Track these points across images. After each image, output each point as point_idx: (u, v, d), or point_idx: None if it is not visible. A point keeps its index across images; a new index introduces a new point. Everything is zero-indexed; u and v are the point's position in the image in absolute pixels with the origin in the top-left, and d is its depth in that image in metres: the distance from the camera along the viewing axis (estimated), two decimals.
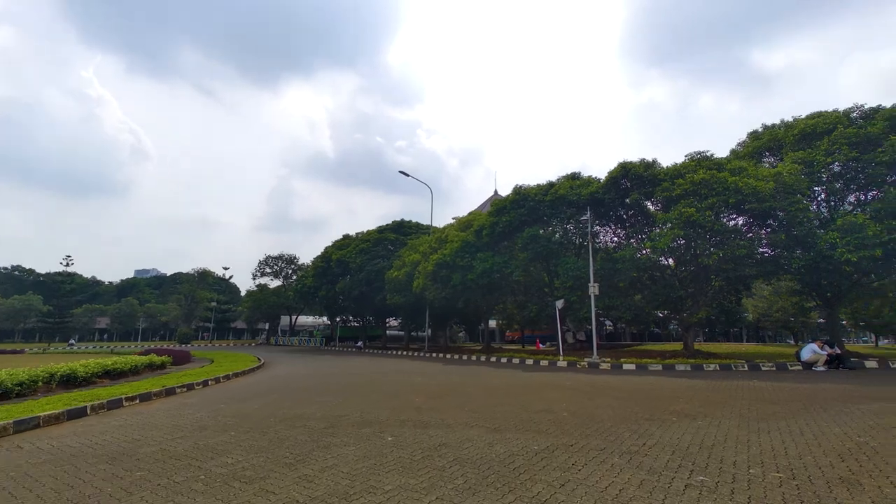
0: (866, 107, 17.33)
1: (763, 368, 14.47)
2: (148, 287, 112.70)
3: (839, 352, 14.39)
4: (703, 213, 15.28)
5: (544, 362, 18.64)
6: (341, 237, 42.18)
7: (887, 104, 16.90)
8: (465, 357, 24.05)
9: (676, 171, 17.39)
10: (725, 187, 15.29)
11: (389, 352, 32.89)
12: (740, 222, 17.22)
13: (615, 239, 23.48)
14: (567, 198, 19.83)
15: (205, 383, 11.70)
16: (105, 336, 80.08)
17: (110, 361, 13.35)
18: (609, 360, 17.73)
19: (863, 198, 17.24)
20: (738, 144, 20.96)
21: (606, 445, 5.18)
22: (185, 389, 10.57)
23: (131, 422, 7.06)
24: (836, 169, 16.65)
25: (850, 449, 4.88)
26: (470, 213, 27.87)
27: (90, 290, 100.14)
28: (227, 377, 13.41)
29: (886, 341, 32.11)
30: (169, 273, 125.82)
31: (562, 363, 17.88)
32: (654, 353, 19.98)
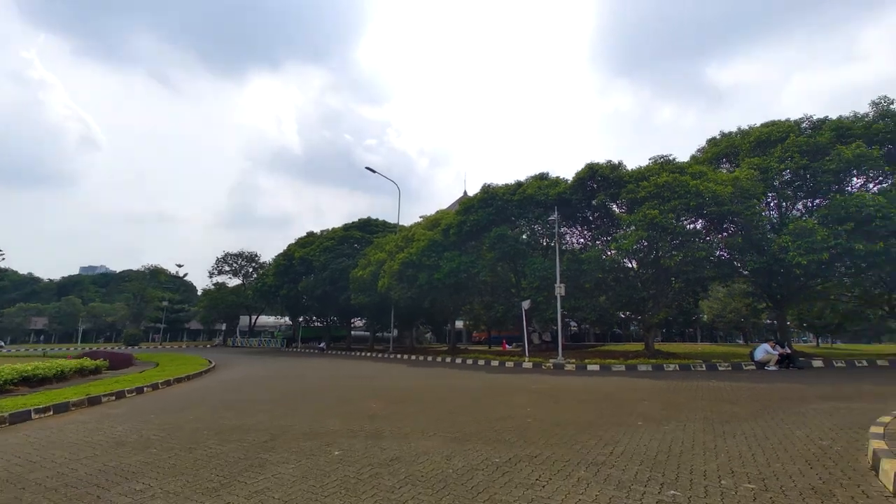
0: (815, 118, 18.26)
1: (720, 368, 14.81)
2: (93, 285, 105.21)
3: (789, 352, 14.95)
4: (666, 215, 15.50)
5: (510, 363, 18.43)
6: (305, 234, 40.72)
7: (833, 116, 17.87)
8: (430, 358, 23.54)
9: (641, 174, 17.63)
10: (687, 190, 15.59)
11: (353, 353, 31.91)
12: (699, 225, 17.66)
13: (581, 240, 23.68)
14: (535, 197, 19.74)
15: (139, 390, 10.59)
16: (42, 338, 73.87)
17: (31, 366, 11.93)
18: (574, 360, 17.72)
19: (810, 204, 18.12)
20: (698, 150, 21.64)
21: (572, 456, 4.82)
22: (112, 398, 9.48)
23: (34, 438, 6.09)
24: (787, 177, 17.38)
25: (815, 454, 4.74)
26: (438, 212, 27.44)
27: (26, 287, 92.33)
28: (168, 383, 12.27)
29: (827, 341, 34.32)
30: (119, 270, 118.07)
31: (527, 364, 17.72)
32: (616, 354, 20.21)
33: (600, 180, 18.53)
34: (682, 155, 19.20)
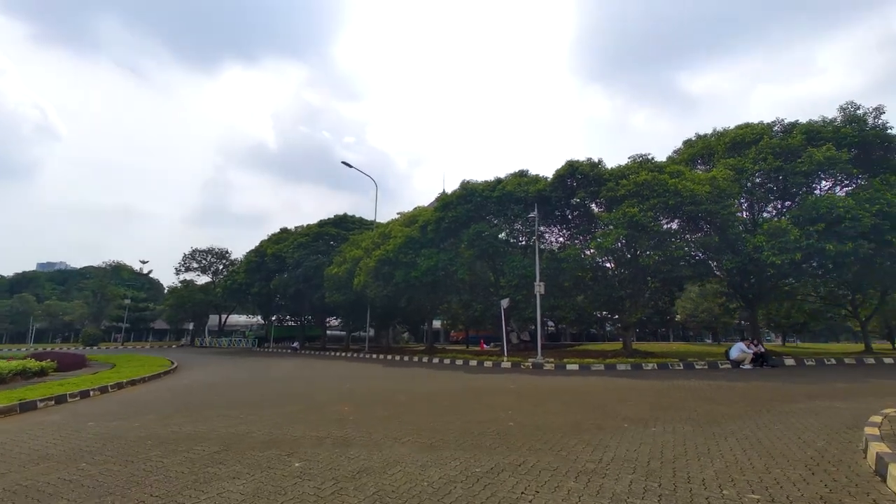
0: (786, 121, 18.68)
1: (697, 367, 14.85)
2: (50, 282, 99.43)
3: (763, 350, 15.13)
4: (645, 213, 15.46)
5: (488, 363, 18.07)
6: (279, 231, 39.35)
7: (803, 121, 18.30)
8: (406, 358, 22.95)
9: (621, 172, 17.58)
10: (666, 189, 15.59)
11: (328, 353, 30.94)
12: (676, 225, 17.74)
13: (560, 239, 23.59)
14: (514, 194, 19.44)
15: (84, 394, 9.63)
16: None
17: None
18: (552, 360, 17.51)
19: (780, 206, 18.51)
20: (674, 152, 21.87)
21: (560, 464, 4.39)
22: (52, 403, 8.53)
23: None
24: (759, 178, 17.67)
25: (813, 458, 4.47)
26: (416, 209, 26.87)
27: None
28: (120, 386, 11.29)
29: (791, 340, 35.54)
30: (80, 267, 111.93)
31: (506, 364, 17.39)
32: (595, 353, 20.15)
33: (580, 178, 18.40)
34: (659, 156, 19.28)
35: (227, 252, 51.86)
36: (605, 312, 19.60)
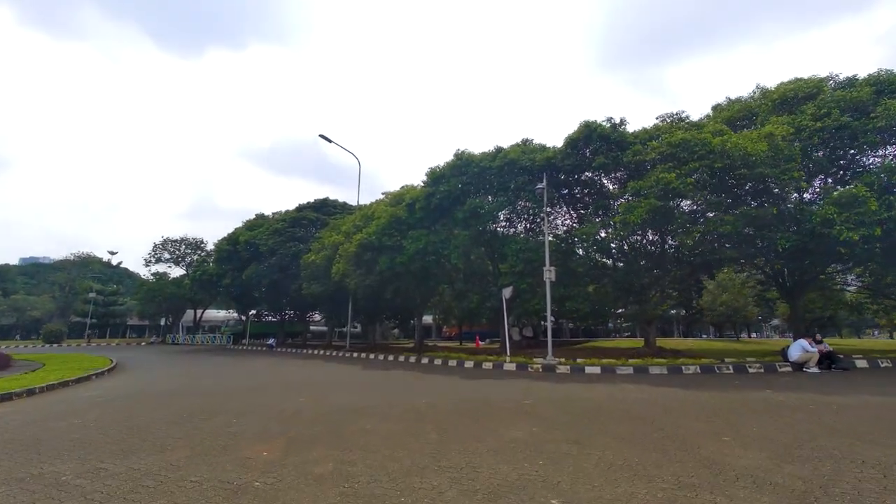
0: (841, 76, 15.70)
1: (750, 371, 11.87)
2: (23, 276, 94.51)
3: (830, 349, 12.21)
4: (683, 180, 12.40)
5: (487, 364, 14.97)
6: (254, 216, 35.86)
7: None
8: (391, 358, 19.79)
9: (648, 134, 14.54)
10: (710, 150, 12.54)
11: (306, 351, 27.64)
12: (720, 194, 14.58)
13: (567, 222, 20.54)
14: (519, 163, 16.30)
15: None
16: None
17: None
18: (565, 360, 14.48)
19: (842, 172, 15.39)
20: (705, 118, 18.80)
21: None
22: None
23: None
24: (818, 138, 14.62)
25: None
26: (403, 187, 23.62)
27: None
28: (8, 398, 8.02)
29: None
30: (56, 260, 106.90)
31: (509, 366, 14.31)
32: (612, 352, 17.16)
33: (598, 142, 15.26)
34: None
35: (201, 242, 48.20)
36: (626, 304, 16.54)
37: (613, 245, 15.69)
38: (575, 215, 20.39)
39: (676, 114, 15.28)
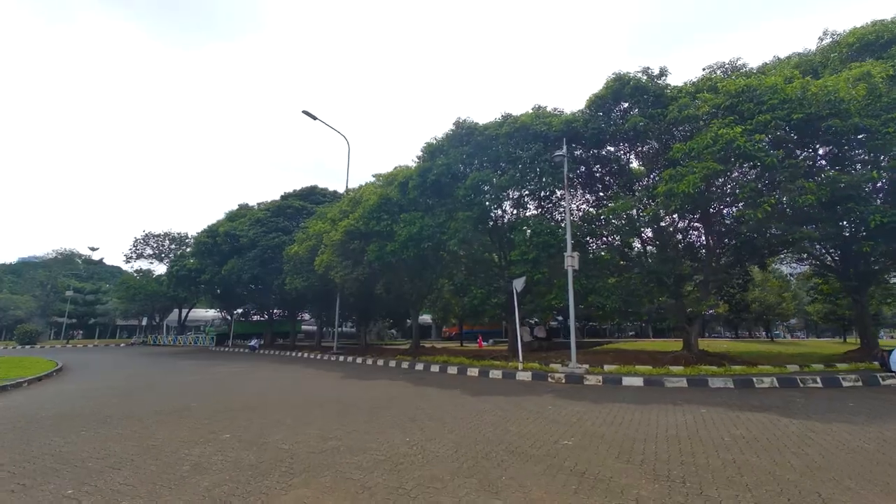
0: None
1: (845, 384, 9.05)
2: (11, 274, 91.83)
3: None
4: (751, 137, 9.57)
5: (496, 373, 12.16)
6: (237, 207, 33.04)
7: None
8: (381, 362, 17.00)
9: (696, 88, 11.71)
10: (784, 98, 9.71)
11: (291, 354, 24.84)
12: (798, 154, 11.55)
13: (583, 207, 17.75)
14: (532, 129, 13.51)
15: None
16: None
17: None
18: (591, 368, 11.70)
19: None
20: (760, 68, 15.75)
21: None
22: None
23: None
24: None
25: None
26: (396, 168, 20.82)
27: None
28: None
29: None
30: (47, 258, 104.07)
31: (523, 374, 11.51)
32: (641, 356, 14.38)
33: (631, 97, 12.42)
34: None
35: (186, 237, 45.30)
36: (662, 298, 13.71)
37: (650, 226, 12.81)
38: (593, 199, 17.64)
39: (731, 62, 12.43)
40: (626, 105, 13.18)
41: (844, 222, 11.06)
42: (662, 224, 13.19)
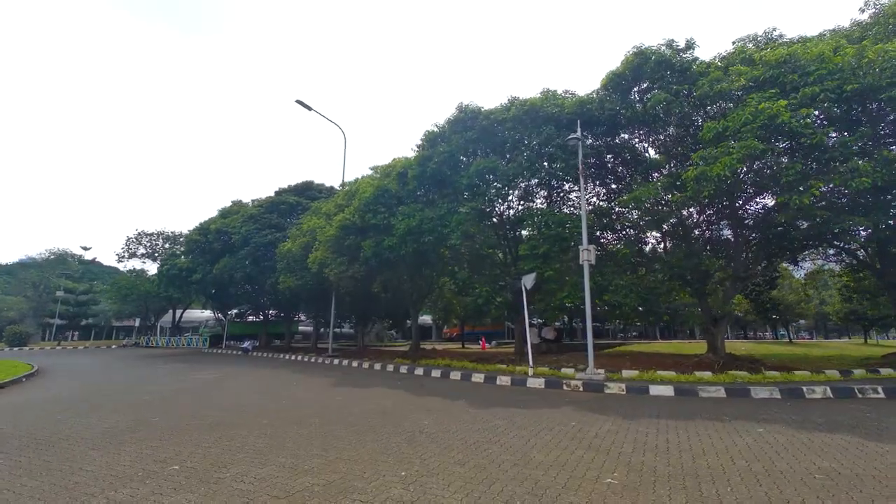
0: None
1: None
2: (6, 275, 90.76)
3: None
4: (797, 112, 8.39)
5: (504, 379, 10.96)
6: (230, 203, 31.85)
7: None
8: (377, 366, 15.82)
9: (727, 62, 10.53)
10: (832, 69, 8.53)
11: (285, 356, 23.63)
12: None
13: (594, 200, 16.58)
14: (543, 111, 12.36)
15: None
16: None
17: None
18: (609, 373, 10.52)
19: None
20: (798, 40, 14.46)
21: None
22: None
23: None
24: None
25: None
26: (395, 160, 19.65)
27: None
28: None
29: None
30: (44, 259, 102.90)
31: (535, 381, 10.31)
32: (658, 360, 13.21)
33: (654, 72, 11.22)
34: None
35: (180, 236, 44.02)
36: (683, 295, 12.56)
37: (676, 216, 11.60)
38: (604, 192, 16.50)
39: (765, 33, 11.22)
40: (645, 85, 12.00)
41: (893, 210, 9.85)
42: (687, 213, 11.99)
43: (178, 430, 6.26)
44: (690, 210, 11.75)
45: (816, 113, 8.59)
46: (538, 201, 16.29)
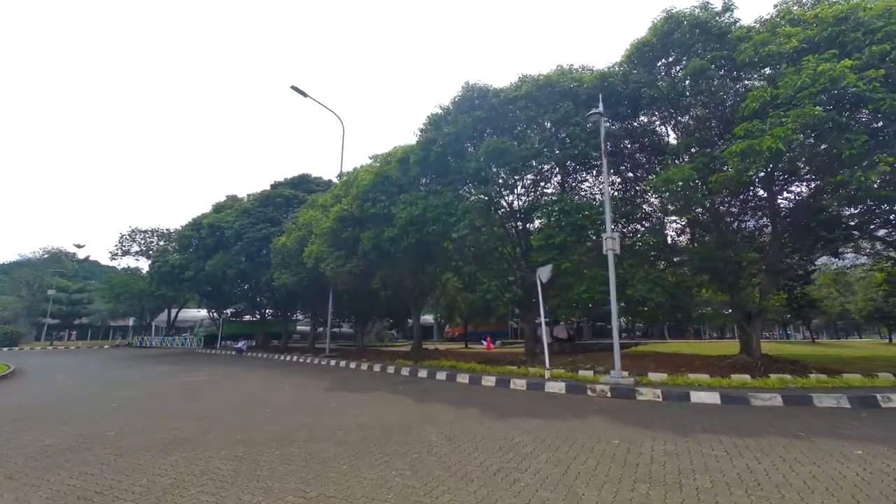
0: None
1: None
2: (4, 275, 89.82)
3: None
4: (862, 75, 7.21)
5: (518, 382, 9.79)
6: (224, 198, 30.72)
7: None
8: (378, 368, 14.66)
9: (772, 24, 9.34)
10: None
11: (280, 357, 22.47)
12: None
13: (608, 190, 15.38)
14: (559, 85, 11.20)
15: None
16: None
17: None
18: (637, 377, 9.34)
19: None
20: None
21: None
22: None
23: None
24: None
25: None
26: (395, 148, 18.49)
27: None
28: None
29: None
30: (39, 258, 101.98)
31: (553, 385, 9.13)
32: (687, 361, 12.05)
33: (687, 40, 10.02)
34: None
35: (175, 233, 42.88)
36: (713, 291, 11.38)
37: (714, 197, 10.38)
38: (619, 181, 15.33)
39: None
40: (672, 58, 10.82)
41: None
42: (720, 198, 10.79)
43: (131, 449, 5.10)
44: (725, 195, 10.53)
45: (884, 76, 7.38)
46: (550, 189, 15.14)
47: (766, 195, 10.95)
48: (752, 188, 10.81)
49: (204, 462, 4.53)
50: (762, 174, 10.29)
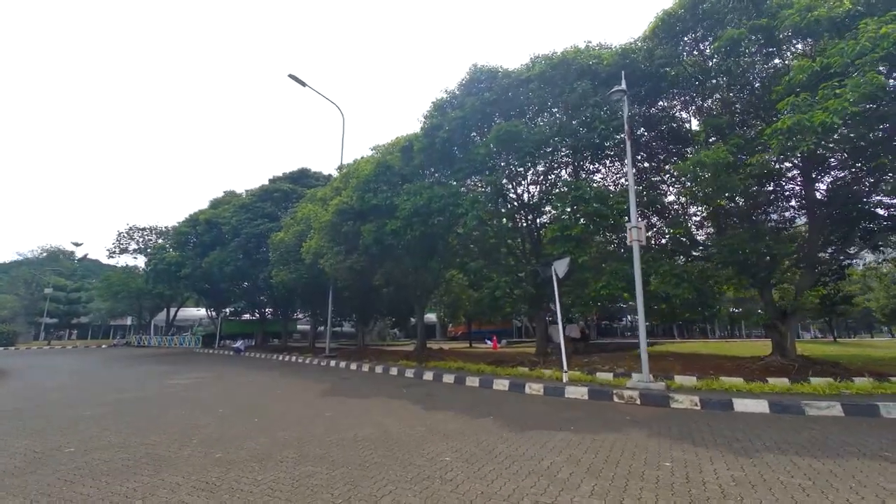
0: None
1: None
2: (3, 274, 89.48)
3: None
4: None
5: (534, 386, 8.92)
6: (221, 193, 29.93)
7: None
8: (380, 370, 13.82)
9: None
10: None
11: (279, 357, 21.67)
12: None
13: (622, 181, 14.55)
14: (576, 63, 10.33)
15: None
16: None
17: None
18: (657, 378, 8.47)
19: None
20: None
21: None
22: None
23: None
24: None
25: None
26: (398, 138, 17.63)
27: None
28: None
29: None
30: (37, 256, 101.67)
31: (574, 390, 8.27)
32: (714, 363, 11.17)
33: (720, 8, 9.13)
34: None
35: (173, 230, 42.18)
36: (740, 283, 10.48)
37: (756, 180, 9.48)
38: (634, 171, 14.46)
39: None
40: (701, 32, 9.93)
41: None
42: (757, 183, 9.88)
43: (85, 471, 4.27)
44: (753, 182, 9.60)
45: None
46: (561, 180, 14.27)
47: (801, 181, 10.05)
48: (784, 176, 9.90)
49: (168, 492, 3.69)
50: (798, 158, 9.44)
